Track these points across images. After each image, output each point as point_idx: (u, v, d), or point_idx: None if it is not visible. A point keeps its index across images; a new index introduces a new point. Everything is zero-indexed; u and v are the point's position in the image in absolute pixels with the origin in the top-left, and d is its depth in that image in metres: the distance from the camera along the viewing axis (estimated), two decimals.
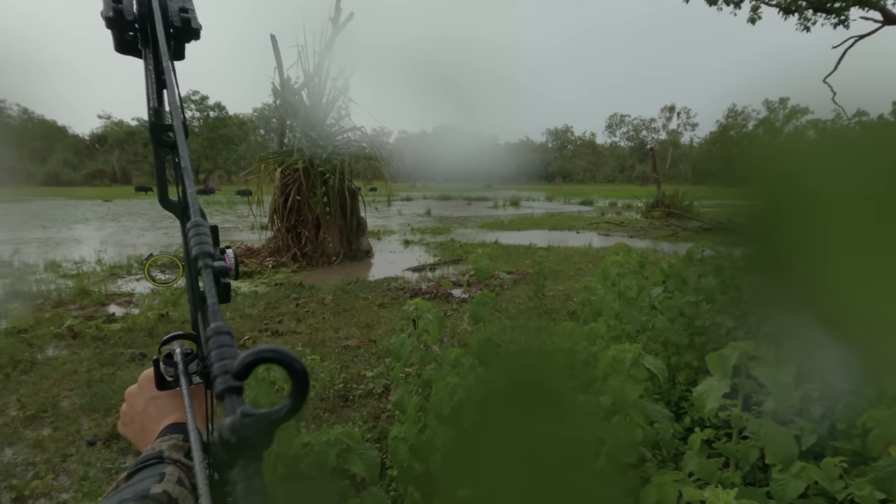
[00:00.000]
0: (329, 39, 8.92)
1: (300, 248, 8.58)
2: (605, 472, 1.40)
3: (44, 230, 14.02)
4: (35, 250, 10.01)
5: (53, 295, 6.23)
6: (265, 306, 5.76)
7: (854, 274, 0.20)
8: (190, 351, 0.66)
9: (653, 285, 3.28)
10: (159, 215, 19.02)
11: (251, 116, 74.18)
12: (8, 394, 3.49)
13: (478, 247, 10.34)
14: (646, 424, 1.73)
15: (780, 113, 6.74)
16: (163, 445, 0.58)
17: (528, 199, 33.29)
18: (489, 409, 0.29)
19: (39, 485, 2.49)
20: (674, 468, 1.98)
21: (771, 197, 0.23)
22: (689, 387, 2.76)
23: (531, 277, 6.13)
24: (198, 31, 0.54)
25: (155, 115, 0.50)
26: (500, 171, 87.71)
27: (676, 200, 15.48)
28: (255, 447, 0.22)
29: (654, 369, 1.65)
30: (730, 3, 11.37)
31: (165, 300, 6.02)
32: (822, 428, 1.91)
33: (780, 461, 1.40)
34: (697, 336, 2.88)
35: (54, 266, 8.18)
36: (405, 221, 16.98)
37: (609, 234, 13.19)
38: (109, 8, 0.50)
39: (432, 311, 1.97)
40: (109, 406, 3.28)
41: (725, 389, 1.49)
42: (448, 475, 0.28)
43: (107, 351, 4.30)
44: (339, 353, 4.27)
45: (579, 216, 19.39)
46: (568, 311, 5.37)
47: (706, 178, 0.35)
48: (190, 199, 0.40)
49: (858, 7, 10.62)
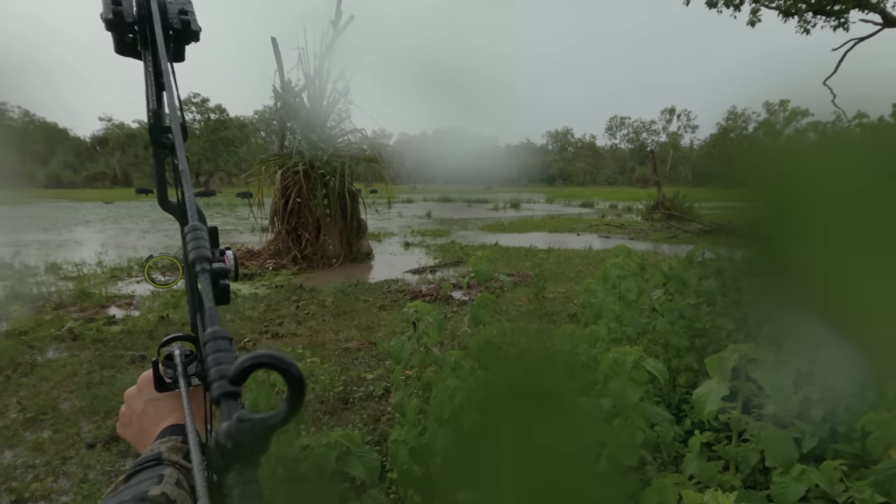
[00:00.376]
0: (330, 42, 8.94)
1: (300, 250, 8.59)
2: (606, 474, 1.40)
3: (45, 232, 14.03)
4: (36, 252, 10.01)
5: (54, 297, 6.23)
6: (265, 308, 5.76)
7: (854, 276, 0.20)
8: (189, 352, 0.66)
9: (653, 287, 3.28)
10: (160, 217, 19.02)
11: (252, 119, 74.33)
12: (8, 396, 3.48)
13: (478, 249, 10.35)
14: (646, 427, 1.73)
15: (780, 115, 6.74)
16: (161, 447, 0.58)
17: (529, 201, 33.31)
18: (489, 411, 0.29)
19: (39, 487, 2.49)
20: (674, 471, 1.97)
21: (771, 199, 0.23)
22: (689, 389, 2.75)
23: (531, 280, 6.13)
24: (197, 33, 0.54)
25: (154, 117, 0.50)
26: (500, 174, 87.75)
27: (677, 202, 15.50)
28: (251, 452, 0.22)
29: (655, 372, 1.65)
30: (729, 5, 11.40)
31: (165, 302, 6.02)
32: (823, 431, 1.91)
33: (780, 464, 1.40)
34: (698, 338, 2.88)
35: (55, 268, 8.19)
36: (405, 223, 16.99)
37: (609, 237, 13.19)
38: (109, 10, 0.50)
39: (432, 314, 1.97)
40: (109, 408, 3.28)
41: (725, 392, 1.49)
42: (448, 478, 0.28)
43: (107, 353, 4.30)
44: (340, 355, 4.26)
45: (580, 218, 19.40)
46: (568, 314, 5.36)
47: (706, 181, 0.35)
48: (188, 201, 0.40)
49: (858, 9, 10.64)
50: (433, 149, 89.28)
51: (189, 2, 0.56)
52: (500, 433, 0.28)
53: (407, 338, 1.96)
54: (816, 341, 0.22)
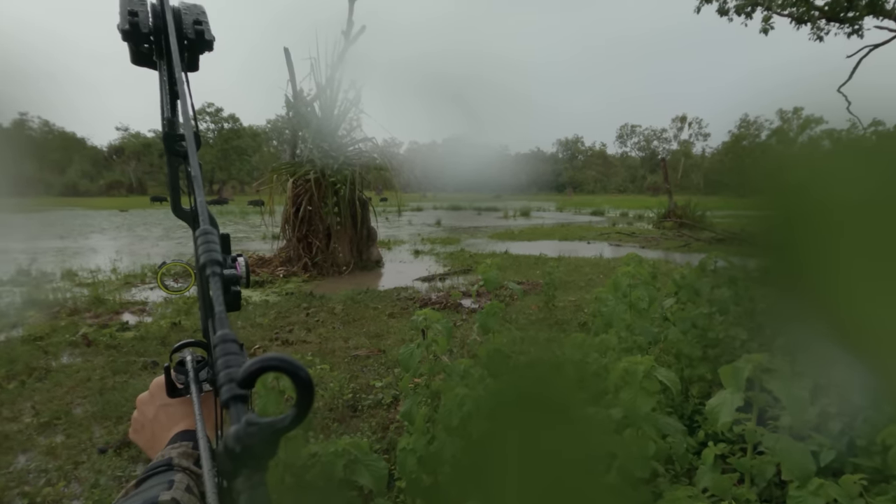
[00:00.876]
0: (341, 52, 9.06)
1: (311, 257, 8.64)
2: (617, 486, 1.38)
3: (61, 240, 14.28)
4: (52, 259, 10.19)
5: (69, 303, 6.33)
6: (276, 315, 5.79)
7: (870, 286, 0.20)
8: (201, 358, 0.66)
9: (665, 296, 3.24)
10: (173, 225, 19.28)
11: (265, 128, 75.30)
12: (23, 401, 3.53)
13: (488, 257, 10.33)
14: (658, 438, 1.70)
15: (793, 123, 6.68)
16: (172, 453, 0.59)
17: (539, 209, 33.25)
18: (498, 420, 0.29)
19: (51, 492, 2.51)
20: (687, 483, 1.94)
21: (785, 207, 0.23)
22: (702, 400, 2.71)
23: (541, 288, 6.10)
24: (211, 42, 0.56)
25: (168, 125, 0.51)
26: (510, 182, 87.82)
27: (688, 211, 15.35)
28: (259, 457, 0.22)
29: (667, 382, 1.63)
30: (741, 12, 11.35)
31: (178, 309, 6.08)
32: (841, 444, 1.87)
33: (797, 478, 1.36)
34: (711, 348, 2.83)
35: (70, 275, 8.32)
36: (415, 231, 17.03)
37: (620, 245, 13.10)
38: (126, 21, 0.51)
39: (441, 322, 1.97)
40: (121, 414, 3.30)
41: (739, 403, 1.46)
42: (456, 487, 0.28)
43: (120, 359, 4.35)
44: (349, 362, 4.27)
45: (590, 226, 19.30)
46: (579, 322, 5.32)
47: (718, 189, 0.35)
48: (200, 207, 0.40)
49: (873, 16, 10.53)
50: (443, 157, 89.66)
51: (203, 12, 0.57)
52: (509, 443, 0.27)
53: (416, 346, 1.95)
54: (832, 352, 0.22)
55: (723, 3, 11.42)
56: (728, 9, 11.44)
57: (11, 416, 3.32)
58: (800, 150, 0.28)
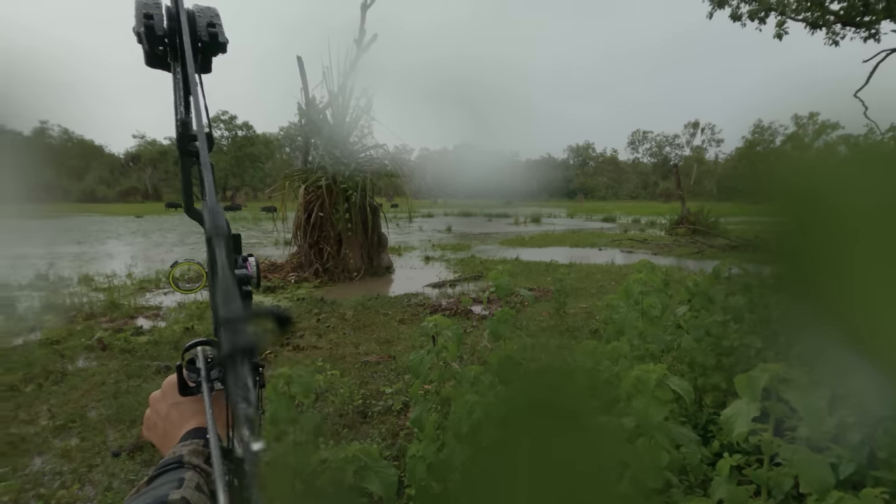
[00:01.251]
0: (353, 60, 9.15)
1: (322, 263, 8.69)
2: (629, 496, 1.36)
3: (78, 245, 14.55)
4: (69, 264, 10.37)
5: (85, 307, 6.43)
6: None
7: (888, 293, 0.19)
8: (212, 357, 0.67)
9: (678, 304, 3.20)
10: (188, 230, 19.54)
11: (277, 135, 76.22)
12: (40, 403, 3.59)
13: (498, 263, 10.30)
14: (671, 448, 1.67)
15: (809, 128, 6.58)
16: (183, 450, 0.59)
17: (550, 215, 33.13)
18: (509, 428, 0.29)
19: (65, 495, 2.54)
20: (702, 495, 1.90)
21: (800, 214, 0.23)
22: (716, 409, 2.67)
23: (552, 295, 6.06)
24: (224, 45, 0.56)
25: (182, 127, 0.52)
26: (520, 188, 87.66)
27: (701, 217, 15.21)
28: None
29: (680, 391, 1.60)
30: (754, 18, 11.25)
31: (191, 314, 6.15)
32: (861, 456, 1.82)
33: (815, 490, 1.33)
34: (725, 357, 2.79)
35: (87, 280, 8.46)
36: (426, 237, 17.06)
37: (632, 252, 12.98)
38: (141, 24, 0.52)
39: (452, 328, 1.96)
40: (135, 417, 3.34)
41: (755, 413, 1.43)
42: (466, 495, 0.28)
43: (134, 363, 4.40)
44: (359, 368, 4.27)
45: (601, 233, 19.18)
46: (590, 330, 5.27)
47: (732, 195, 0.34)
48: (210, 201, 0.40)
49: (889, 20, 10.38)
50: (454, 163, 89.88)
51: (217, 15, 0.58)
52: (519, 451, 0.27)
53: (426, 352, 1.95)
54: (851, 361, 0.21)
55: (736, 9, 11.34)
56: (741, 14, 11.36)
57: (28, 418, 3.38)
58: (815, 156, 0.28)
